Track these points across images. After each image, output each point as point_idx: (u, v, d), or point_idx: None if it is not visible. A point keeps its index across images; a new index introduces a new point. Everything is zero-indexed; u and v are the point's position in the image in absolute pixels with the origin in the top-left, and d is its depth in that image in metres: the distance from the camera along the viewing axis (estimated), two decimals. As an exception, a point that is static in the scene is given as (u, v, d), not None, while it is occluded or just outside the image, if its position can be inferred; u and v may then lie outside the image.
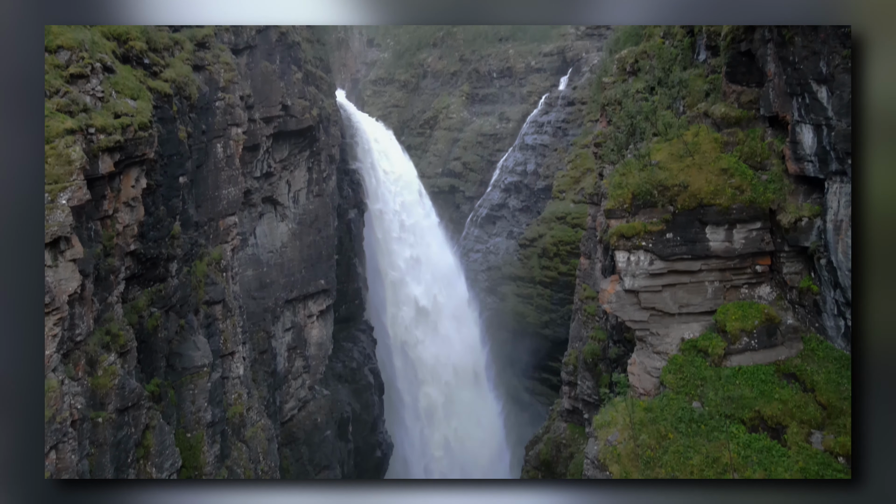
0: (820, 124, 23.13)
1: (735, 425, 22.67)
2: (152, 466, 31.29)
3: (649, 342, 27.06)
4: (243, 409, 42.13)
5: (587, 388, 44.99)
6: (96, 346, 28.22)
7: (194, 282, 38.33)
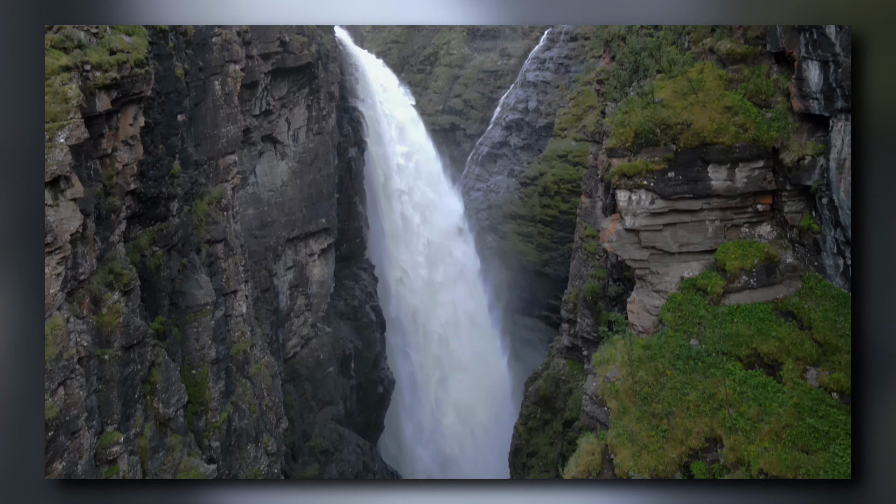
0: (827, 61, 22.78)
1: (731, 362, 23.01)
2: (159, 402, 31.91)
3: (649, 281, 27.24)
4: (247, 346, 42.71)
5: (586, 325, 45.51)
6: (100, 284, 28.45)
7: (195, 221, 38.37)
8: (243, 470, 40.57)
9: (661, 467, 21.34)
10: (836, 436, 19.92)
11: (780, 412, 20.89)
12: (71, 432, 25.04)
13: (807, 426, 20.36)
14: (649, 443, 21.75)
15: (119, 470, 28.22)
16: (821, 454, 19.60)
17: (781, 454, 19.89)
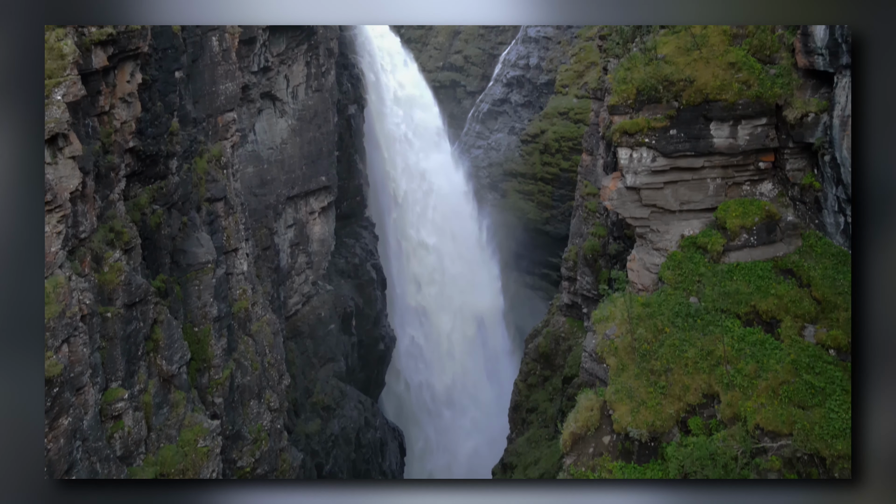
0: (832, 16, 22.41)
1: (730, 319, 23.16)
2: (162, 359, 32.22)
3: (649, 239, 27.26)
4: (248, 303, 42.93)
5: (586, 283, 45.69)
6: (101, 242, 28.50)
7: (195, 179, 38.25)
8: (246, 425, 41.15)
9: (659, 423, 21.65)
10: (833, 392, 20.16)
11: (778, 369, 21.10)
12: (76, 388, 25.34)
13: (803, 382, 20.59)
14: (647, 399, 22.02)
15: (124, 425, 28.64)
16: (817, 410, 19.86)
17: (778, 410, 20.16)
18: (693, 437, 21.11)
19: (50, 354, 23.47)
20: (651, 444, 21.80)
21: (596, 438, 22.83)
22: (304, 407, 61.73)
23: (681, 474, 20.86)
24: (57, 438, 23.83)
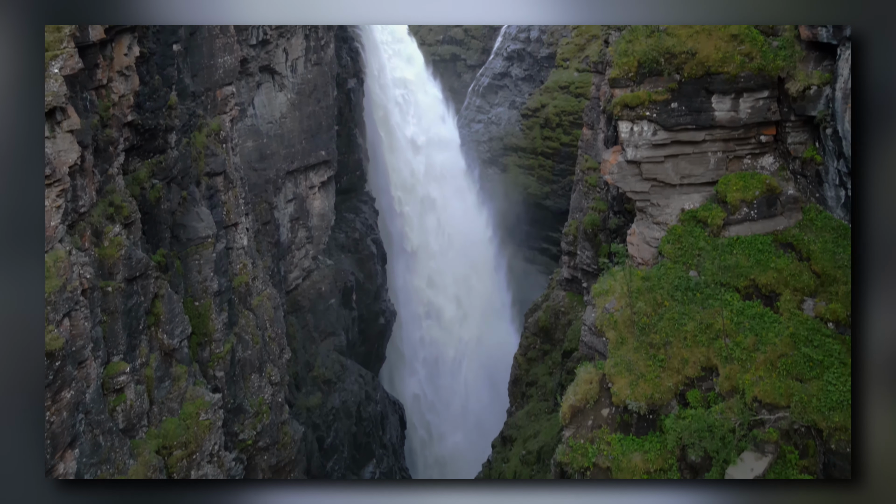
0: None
1: (729, 293, 23.21)
2: (163, 333, 32.33)
3: (649, 213, 27.22)
4: (249, 278, 42.98)
5: (586, 257, 45.72)
6: (100, 217, 28.46)
7: (194, 153, 38.10)
8: (247, 399, 41.41)
9: (658, 395, 21.79)
10: (831, 364, 20.26)
11: (776, 342, 21.19)
12: (77, 362, 25.45)
13: (802, 355, 20.68)
14: (646, 372, 22.14)
15: (126, 398, 28.82)
16: (814, 382, 19.98)
17: (776, 382, 20.28)
18: (691, 410, 21.27)
19: (51, 328, 23.54)
20: (649, 417, 21.97)
21: (595, 411, 22.99)
22: (304, 381, 62.11)
23: (679, 446, 21.05)
24: (60, 411, 23.98)
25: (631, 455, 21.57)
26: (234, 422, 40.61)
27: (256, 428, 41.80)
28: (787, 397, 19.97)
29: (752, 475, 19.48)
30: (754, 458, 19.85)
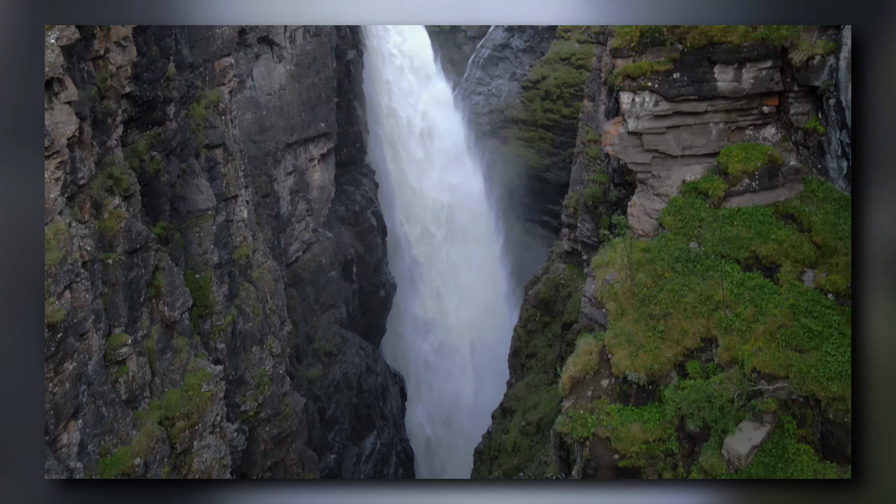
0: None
1: (730, 264, 23.20)
2: (164, 305, 32.42)
3: (650, 184, 27.13)
4: (249, 250, 43.01)
5: (587, 230, 45.69)
6: (100, 189, 28.40)
7: (193, 125, 37.91)
8: (249, 371, 41.64)
9: (657, 366, 21.89)
10: (830, 335, 20.33)
11: (776, 313, 21.24)
12: (79, 334, 25.54)
13: (801, 326, 20.74)
14: (646, 343, 22.22)
15: (128, 370, 28.97)
16: (813, 353, 20.06)
17: (775, 353, 20.36)
18: (690, 381, 21.39)
19: (52, 300, 23.59)
20: (649, 388, 22.09)
21: (595, 382, 23.11)
22: (305, 353, 62.43)
23: (677, 416, 21.19)
24: (62, 382, 24.13)
25: (630, 425, 21.73)
26: (235, 393, 40.88)
27: (258, 399, 42.09)
28: (786, 368, 20.06)
29: (750, 444, 19.64)
30: (752, 427, 20.00)
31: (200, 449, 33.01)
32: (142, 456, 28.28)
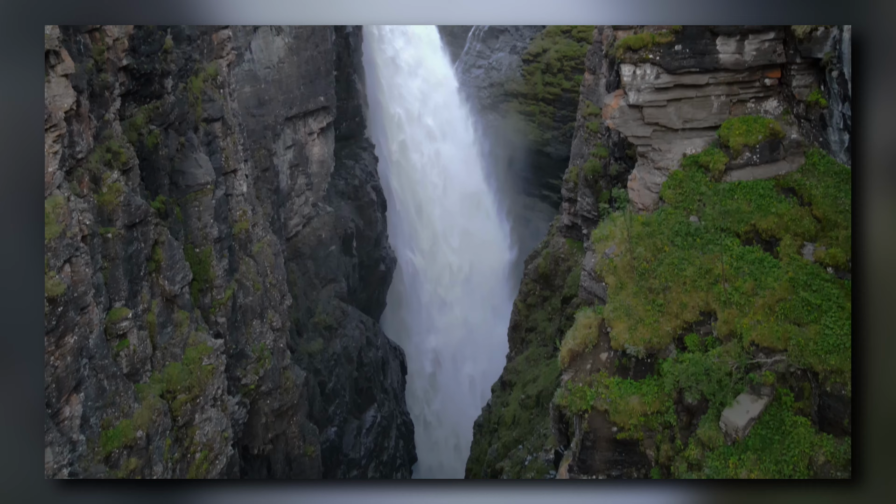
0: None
1: (730, 238, 23.18)
2: (164, 280, 32.46)
3: (651, 158, 27.02)
4: (249, 225, 42.96)
5: (587, 204, 45.61)
6: (98, 163, 28.30)
7: (191, 98, 37.66)
8: (249, 344, 41.80)
9: (656, 340, 21.97)
10: (829, 309, 20.36)
11: (775, 286, 21.26)
12: (80, 308, 25.61)
13: (800, 300, 20.77)
14: (645, 316, 22.27)
15: (129, 343, 29.09)
16: (812, 326, 20.11)
17: (773, 326, 20.41)
18: (689, 354, 21.47)
19: (52, 274, 23.62)
20: (648, 361, 22.19)
21: (594, 355, 23.21)
22: (306, 326, 62.65)
23: (676, 389, 21.32)
24: (64, 356, 24.24)
25: (628, 398, 21.86)
26: (236, 367, 41.07)
27: (259, 373, 42.31)
28: (785, 341, 20.12)
29: (748, 417, 19.77)
30: (750, 400, 20.12)
31: (202, 422, 33.26)
32: (144, 428, 28.51)
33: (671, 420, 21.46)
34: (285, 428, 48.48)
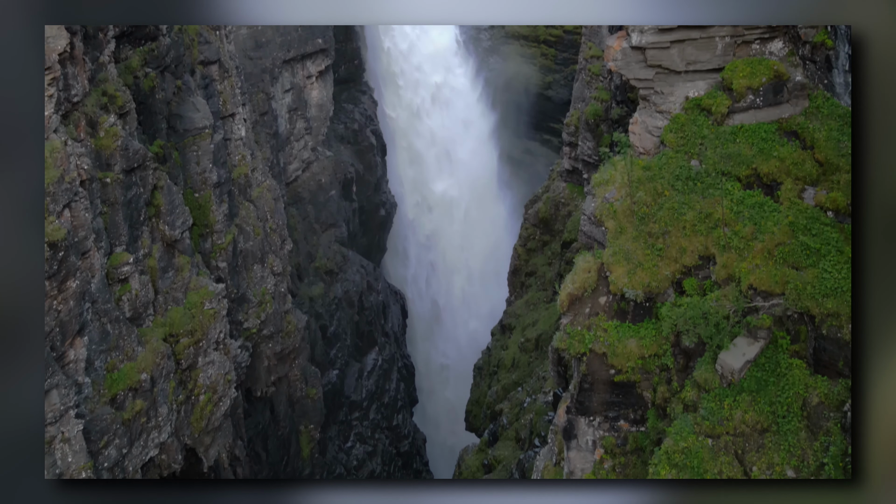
0: None
1: (730, 182, 23.07)
2: (164, 224, 32.49)
3: (653, 101, 26.70)
4: (248, 169, 42.79)
5: (588, 148, 45.30)
6: (94, 106, 28.02)
7: (187, 41, 37.07)
8: (251, 289, 42.06)
9: (654, 284, 22.07)
10: (828, 253, 20.41)
11: (775, 230, 21.26)
12: (81, 253, 25.70)
13: (799, 244, 20.80)
14: (644, 261, 22.34)
15: (131, 288, 29.27)
16: (810, 270, 20.18)
17: (772, 270, 20.49)
18: (687, 298, 21.60)
19: (52, 219, 23.63)
20: (646, 305, 22.34)
21: (592, 299, 23.35)
22: (307, 271, 62.94)
23: (673, 333, 21.52)
24: (66, 300, 24.43)
25: (626, 341, 22.08)
26: (238, 311, 41.43)
27: (260, 317, 42.68)
28: (783, 285, 20.22)
29: (744, 359, 20.00)
30: (746, 343, 20.32)
31: (205, 365, 33.71)
32: (148, 371, 28.91)
33: (668, 363, 21.73)
34: (287, 371, 49.18)
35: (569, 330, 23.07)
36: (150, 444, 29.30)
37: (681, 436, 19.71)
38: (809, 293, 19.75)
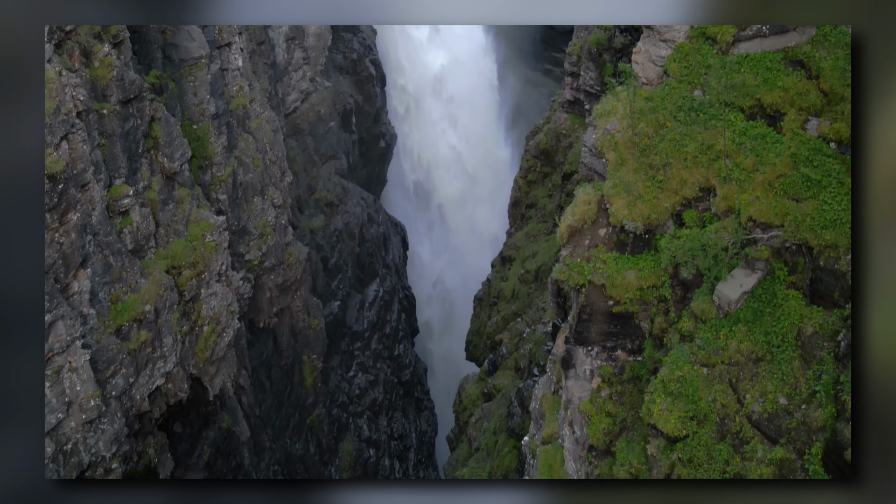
0: None
1: (734, 113, 22.82)
2: (163, 157, 32.32)
3: (657, 29, 26.15)
4: (246, 100, 42.27)
5: (590, 78, 44.58)
6: (87, 36, 27.50)
7: (180, -34, 36.14)
8: (251, 221, 42.13)
9: (654, 216, 22.10)
10: (828, 184, 20.36)
11: (776, 162, 21.15)
12: (80, 185, 25.66)
13: (800, 176, 20.73)
14: (644, 193, 22.30)
15: (132, 220, 29.33)
16: (810, 202, 20.18)
17: (772, 202, 20.49)
18: (686, 230, 21.66)
19: (50, 151, 23.50)
20: (645, 237, 22.42)
21: (592, 231, 23.42)
22: (307, 203, 62.87)
23: (672, 264, 21.67)
24: (68, 233, 24.52)
25: (625, 273, 22.25)
26: (239, 243, 41.60)
27: (261, 249, 42.88)
28: (782, 217, 20.25)
29: (741, 290, 20.21)
30: (744, 274, 20.49)
31: (208, 296, 34.06)
32: (152, 303, 29.24)
33: (666, 294, 21.95)
34: (290, 302, 49.69)
35: (568, 261, 23.22)
36: (156, 374, 29.89)
37: (676, 365, 20.09)
38: (808, 225, 19.80)
